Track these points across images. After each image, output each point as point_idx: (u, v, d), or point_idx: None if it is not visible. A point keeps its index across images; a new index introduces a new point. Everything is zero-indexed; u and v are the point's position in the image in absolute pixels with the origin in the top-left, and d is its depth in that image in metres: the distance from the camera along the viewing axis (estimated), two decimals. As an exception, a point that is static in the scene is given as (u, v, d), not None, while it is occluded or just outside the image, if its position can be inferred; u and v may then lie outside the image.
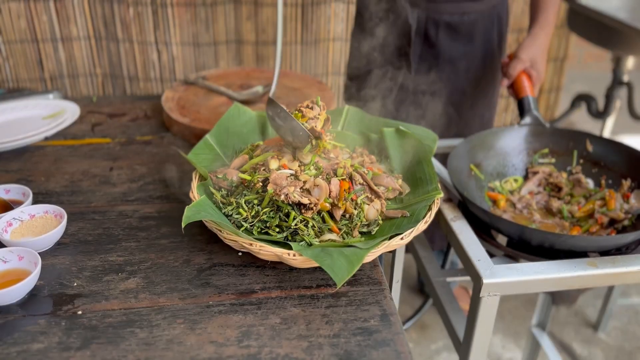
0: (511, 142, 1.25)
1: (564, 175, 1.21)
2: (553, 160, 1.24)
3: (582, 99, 2.76)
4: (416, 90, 1.58)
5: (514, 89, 1.32)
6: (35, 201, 1.05)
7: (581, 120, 3.32)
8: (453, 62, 1.53)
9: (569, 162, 1.23)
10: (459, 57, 1.53)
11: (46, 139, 1.32)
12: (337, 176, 0.91)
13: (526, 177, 1.23)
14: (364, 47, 1.60)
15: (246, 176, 0.91)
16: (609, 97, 2.62)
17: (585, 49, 4.06)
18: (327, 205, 0.88)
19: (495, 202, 1.17)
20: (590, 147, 1.21)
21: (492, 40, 1.56)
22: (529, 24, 1.42)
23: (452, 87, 1.57)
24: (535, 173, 1.21)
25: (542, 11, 1.37)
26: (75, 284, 0.86)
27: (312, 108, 0.95)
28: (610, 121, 2.71)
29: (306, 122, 0.93)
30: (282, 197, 0.85)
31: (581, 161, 1.22)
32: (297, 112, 0.95)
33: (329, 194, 0.88)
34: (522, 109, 1.27)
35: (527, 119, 1.25)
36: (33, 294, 0.83)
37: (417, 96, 1.59)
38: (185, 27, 2.29)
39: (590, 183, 1.19)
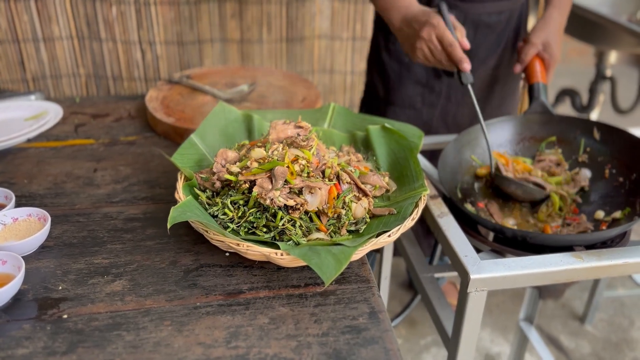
0: (513, 131, 1.24)
1: (566, 165, 1.20)
2: (560, 150, 1.23)
3: (566, 93, 2.78)
4: (447, 93, 1.56)
5: (526, 74, 1.30)
6: (18, 204, 1.04)
7: (565, 115, 3.35)
8: (485, 61, 1.51)
9: (576, 151, 1.22)
10: (490, 56, 1.51)
11: (28, 140, 1.31)
12: (325, 177, 0.91)
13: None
14: (392, 52, 1.56)
15: (232, 177, 0.90)
16: (593, 92, 2.64)
17: (568, 44, 4.09)
18: (315, 208, 0.88)
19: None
20: (597, 135, 1.20)
21: (520, 36, 1.54)
22: (544, 6, 1.39)
23: (481, 85, 1.55)
24: (540, 161, 1.21)
25: None
26: (60, 288, 0.84)
27: (307, 140, 0.95)
28: (594, 115, 2.74)
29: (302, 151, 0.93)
30: (268, 201, 0.84)
31: (588, 149, 1.21)
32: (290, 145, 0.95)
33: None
34: (532, 96, 1.26)
35: (534, 107, 1.24)
36: (17, 299, 0.82)
37: (448, 99, 1.57)
38: (169, 26, 2.27)
39: (587, 173, 1.18)
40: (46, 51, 2.28)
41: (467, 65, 1.13)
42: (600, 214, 1.10)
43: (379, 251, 1.32)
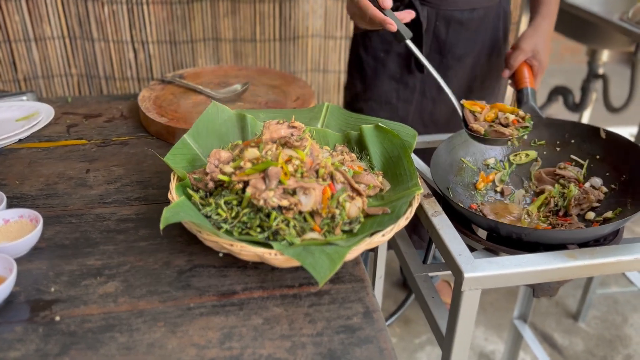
0: None
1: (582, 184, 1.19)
2: (544, 152, 1.24)
3: (559, 92, 2.79)
4: (422, 89, 1.57)
5: (515, 80, 1.31)
6: (9, 205, 1.03)
7: (558, 114, 3.36)
8: (461, 59, 1.53)
9: (565, 154, 1.22)
10: (466, 54, 1.53)
11: (20, 141, 1.30)
12: (318, 177, 0.91)
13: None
14: (368, 48, 1.58)
15: (225, 177, 0.90)
16: (585, 90, 2.66)
17: (561, 43, 4.11)
18: (309, 209, 0.88)
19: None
20: (586, 137, 1.20)
21: (498, 36, 1.55)
22: (530, 16, 1.41)
23: (458, 84, 1.56)
24: (557, 174, 1.20)
25: (544, 2, 1.37)
26: (52, 290, 0.84)
27: (300, 140, 0.95)
28: (586, 114, 2.75)
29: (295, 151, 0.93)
30: (261, 202, 0.84)
31: (578, 151, 1.21)
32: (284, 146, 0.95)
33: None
34: (520, 101, 1.27)
35: (524, 111, 1.25)
36: (9, 301, 0.82)
37: (423, 95, 1.58)
38: (162, 25, 2.26)
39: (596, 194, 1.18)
40: (38, 51, 2.27)
41: (391, 26, 1.13)
42: (590, 215, 1.11)
43: (373, 250, 1.32)
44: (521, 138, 1.13)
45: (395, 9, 1.48)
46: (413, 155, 1.17)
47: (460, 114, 1.18)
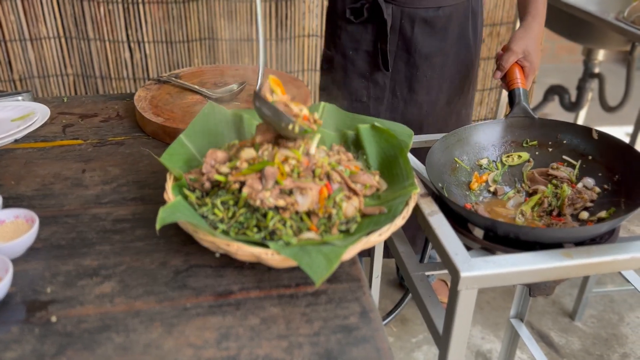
0: (497, 135, 1.25)
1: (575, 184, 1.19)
2: (536, 153, 1.24)
3: (555, 91, 2.80)
4: (393, 88, 1.58)
5: (506, 81, 1.32)
6: (5, 206, 1.03)
7: (554, 113, 3.37)
8: (428, 58, 1.54)
9: (557, 155, 1.22)
10: (434, 53, 1.54)
11: (16, 141, 1.29)
12: (315, 177, 0.91)
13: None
14: (338, 46, 1.59)
15: (221, 177, 0.90)
16: (581, 89, 2.66)
17: (557, 42, 4.12)
18: (306, 208, 0.88)
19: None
20: (578, 138, 1.20)
21: (467, 36, 1.56)
22: (519, 17, 1.43)
23: (428, 84, 1.57)
24: (550, 174, 1.20)
25: (532, 2, 1.38)
26: (48, 290, 0.84)
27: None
28: (582, 113, 2.76)
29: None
30: (258, 202, 0.84)
31: (570, 152, 1.21)
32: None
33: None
34: (512, 101, 1.27)
35: (516, 111, 1.25)
36: (5, 302, 0.81)
37: (393, 94, 1.59)
38: (158, 25, 2.26)
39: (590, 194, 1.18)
40: (33, 51, 2.26)
41: None
42: (584, 215, 1.11)
43: (370, 252, 1.32)
44: (301, 133, 0.97)
45: (360, 7, 1.50)
46: (410, 155, 1.17)
47: (258, 84, 1.17)
